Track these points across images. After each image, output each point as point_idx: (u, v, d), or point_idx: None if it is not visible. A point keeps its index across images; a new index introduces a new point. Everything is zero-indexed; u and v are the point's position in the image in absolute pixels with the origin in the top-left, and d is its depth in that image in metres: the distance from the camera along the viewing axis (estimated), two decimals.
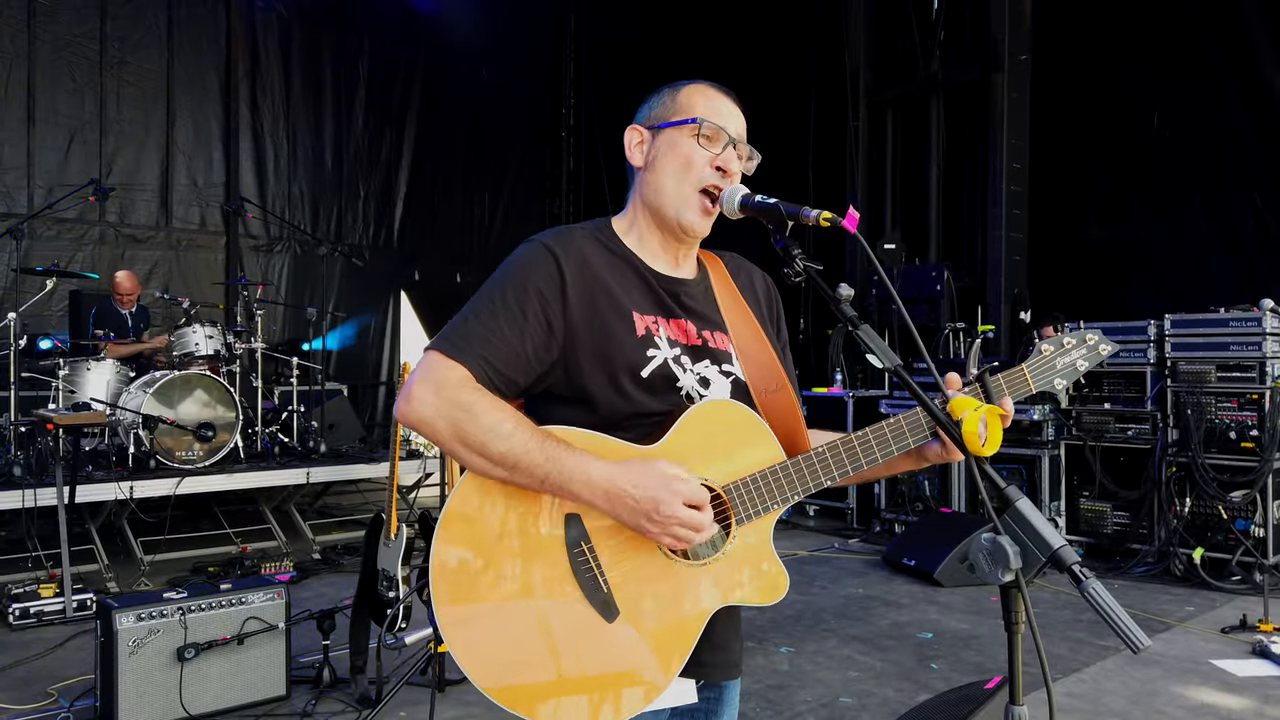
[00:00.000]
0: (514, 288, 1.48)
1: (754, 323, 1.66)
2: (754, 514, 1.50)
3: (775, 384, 1.62)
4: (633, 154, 1.63)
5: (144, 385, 6.30)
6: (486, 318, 1.46)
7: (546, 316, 1.48)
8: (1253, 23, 7.20)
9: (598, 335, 1.50)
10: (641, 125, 1.63)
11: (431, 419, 1.41)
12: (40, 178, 8.53)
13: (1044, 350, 1.66)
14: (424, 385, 1.42)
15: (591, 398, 1.50)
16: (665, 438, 1.48)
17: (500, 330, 1.45)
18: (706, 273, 1.69)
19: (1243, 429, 5.99)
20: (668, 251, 1.63)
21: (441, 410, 1.40)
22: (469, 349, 1.44)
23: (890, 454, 1.54)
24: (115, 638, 3.50)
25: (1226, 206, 7.35)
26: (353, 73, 10.66)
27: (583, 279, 1.51)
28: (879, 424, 1.55)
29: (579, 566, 1.43)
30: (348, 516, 8.08)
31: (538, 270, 1.49)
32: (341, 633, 4.12)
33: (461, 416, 1.39)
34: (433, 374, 1.43)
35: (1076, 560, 1.23)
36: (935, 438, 1.54)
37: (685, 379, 1.55)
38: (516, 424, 1.40)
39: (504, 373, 1.46)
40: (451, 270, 11.48)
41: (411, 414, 1.42)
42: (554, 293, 1.48)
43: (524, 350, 1.46)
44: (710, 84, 1.64)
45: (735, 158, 1.59)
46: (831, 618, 5.36)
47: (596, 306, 1.51)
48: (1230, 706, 3.98)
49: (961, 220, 8.93)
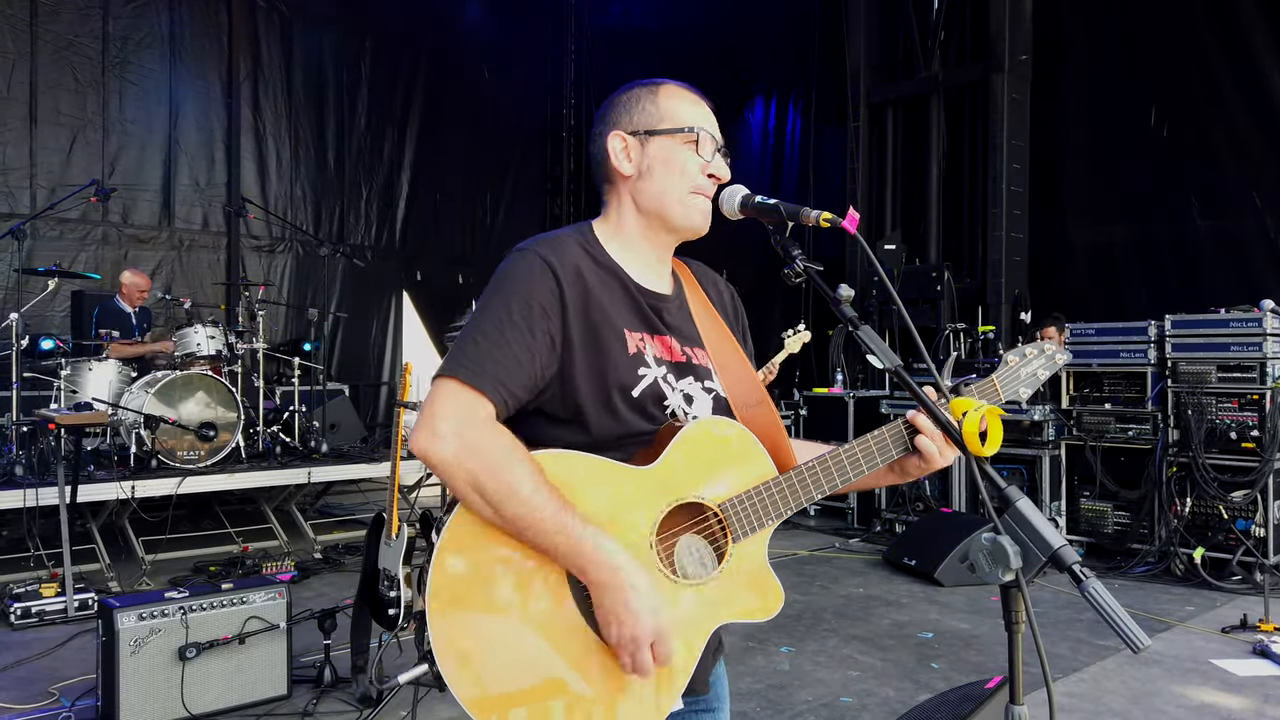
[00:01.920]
0: (519, 303, 1.43)
1: (729, 336, 1.65)
2: (750, 530, 1.49)
3: (756, 398, 1.62)
4: (619, 162, 1.57)
5: (146, 385, 6.30)
6: (496, 337, 1.41)
7: (549, 333, 1.44)
8: (1253, 22, 7.20)
9: (592, 353, 1.47)
10: (625, 132, 1.57)
11: (452, 464, 1.35)
12: (43, 178, 8.54)
13: (1009, 361, 1.68)
14: (447, 422, 1.36)
15: (584, 417, 1.46)
16: (661, 458, 1.45)
17: (512, 351, 1.41)
18: (681, 286, 1.67)
19: (1243, 429, 6.00)
20: (651, 263, 1.61)
21: (463, 458, 1.34)
22: (483, 374, 1.39)
23: (876, 465, 1.53)
24: (117, 637, 3.50)
25: (1226, 206, 7.35)
26: (354, 73, 10.67)
27: (578, 295, 1.48)
28: (864, 437, 1.54)
29: (579, 588, 1.40)
30: (349, 516, 8.09)
31: (540, 285, 1.45)
32: (343, 632, 4.12)
33: (482, 469, 1.33)
34: (457, 409, 1.37)
35: (1077, 560, 1.23)
36: (914, 450, 1.52)
37: (672, 397, 1.53)
38: (536, 487, 1.34)
39: (517, 395, 1.42)
40: (453, 271, 11.49)
41: (434, 454, 1.35)
42: (555, 308, 1.45)
43: (533, 369, 1.43)
44: (683, 85, 1.61)
45: (724, 166, 1.58)
46: (832, 617, 5.36)
47: (591, 323, 1.48)
48: (1231, 706, 3.98)
49: (962, 221, 8.93)
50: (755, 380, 1.63)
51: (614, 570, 1.34)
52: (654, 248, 1.60)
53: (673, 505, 1.46)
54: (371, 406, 10.75)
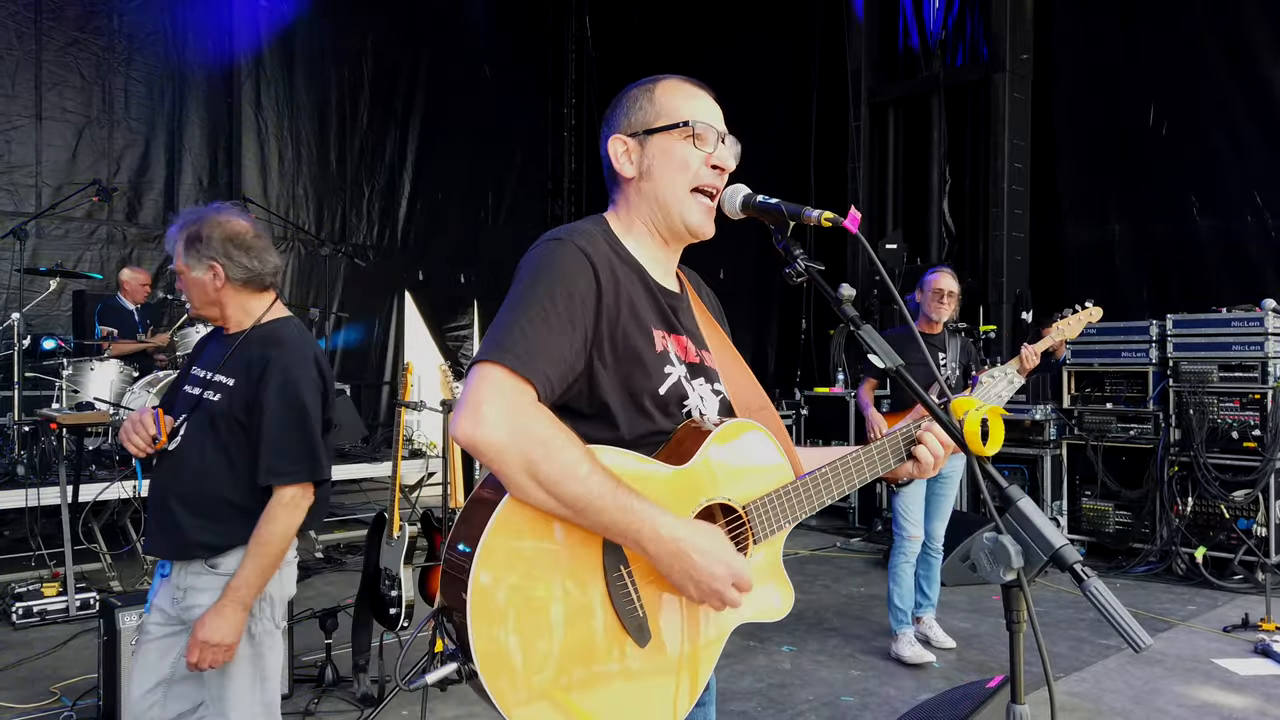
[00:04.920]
0: (562, 292, 1.40)
1: (727, 341, 1.67)
2: (770, 532, 1.52)
3: (758, 403, 1.64)
4: (622, 165, 1.57)
5: (147, 385, 6.31)
6: (540, 325, 1.37)
7: (585, 326, 1.42)
8: (1253, 21, 7.19)
9: (623, 350, 1.46)
10: (624, 134, 1.57)
11: (504, 448, 1.29)
12: (49, 175, 8.53)
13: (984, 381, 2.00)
14: (495, 406, 1.30)
15: (611, 414, 1.46)
16: (694, 458, 1.46)
17: (556, 341, 1.38)
18: (684, 288, 1.68)
19: (1245, 428, 5.99)
20: (661, 262, 1.61)
21: (515, 441, 1.29)
22: (534, 363, 1.34)
23: (889, 467, 1.63)
24: (118, 636, 3.50)
25: (1227, 205, 7.34)
26: (356, 72, 10.67)
27: (612, 290, 1.46)
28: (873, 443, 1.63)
29: (616, 590, 1.39)
30: (350, 515, 8.10)
31: (580, 276, 1.43)
32: (344, 632, 4.13)
33: (537, 452, 1.29)
34: (503, 394, 1.31)
35: (1078, 559, 1.23)
36: (910, 457, 1.63)
37: (692, 398, 1.55)
38: (591, 466, 1.32)
39: (558, 388, 1.39)
40: (455, 271, 11.49)
41: (482, 439, 1.29)
42: (590, 302, 1.43)
43: (572, 361, 1.40)
44: (681, 79, 1.60)
45: (729, 154, 1.58)
46: (833, 616, 5.36)
47: (621, 320, 1.47)
48: (1232, 705, 3.98)
49: (963, 220, 8.92)
50: (757, 385, 1.65)
51: (675, 542, 1.35)
52: (662, 248, 1.61)
53: (704, 505, 1.48)
54: (373, 406, 10.75)
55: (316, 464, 2.34)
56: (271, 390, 2.30)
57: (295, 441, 2.31)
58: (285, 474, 2.29)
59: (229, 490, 2.32)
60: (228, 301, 2.43)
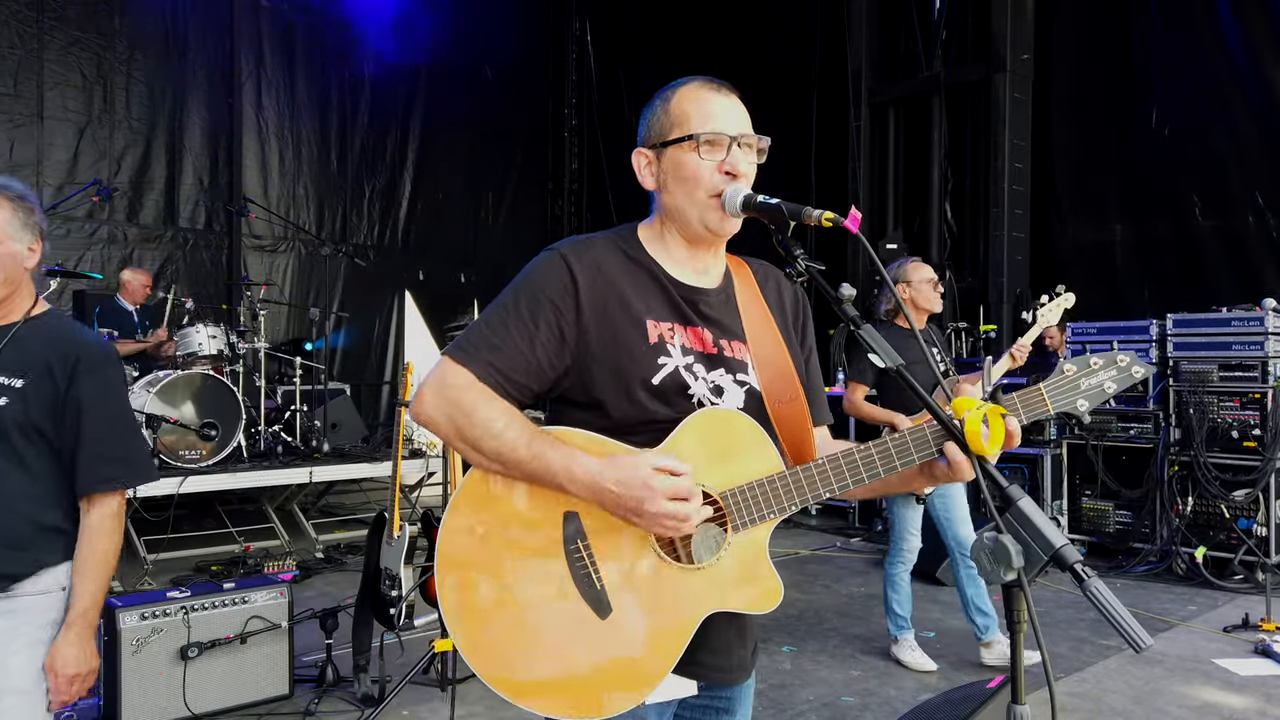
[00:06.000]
0: (527, 296, 1.53)
1: (775, 332, 1.66)
2: (750, 521, 1.51)
3: (790, 394, 1.62)
4: (644, 178, 1.64)
5: (147, 385, 6.31)
6: (498, 325, 1.53)
7: (559, 326, 1.52)
8: (1253, 21, 7.19)
9: (609, 344, 1.53)
10: (645, 148, 1.63)
11: (435, 418, 1.51)
12: (50, 175, 8.54)
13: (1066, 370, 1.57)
14: (430, 387, 1.52)
15: (604, 404, 1.53)
16: (666, 442, 1.50)
17: (511, 338, 1.51)
18: (731, 281, 1.69)
19: (1245, 428, 5.99)
20: (693, 260, 1.64)
21: (442, 409, 1.50)
22: (477, 355, 1.51)
23: (894, 468, 1.51)
24: (118, 637, 3.51)
25: (1227, 205, 7.34)
26: (357, 72, 10.67)
27: (596, 288, 1.54)
28: (882, 439, 1.52)
29: (574, 563, 1.47)
30: (350, 515, 8.10)
31: (552, 280, 1.54)
32: (344, 631, 4.13)
33: (459, 415, 1.48)
34: (441, 378, 1.52)
35: (1078, 559, 1.23)
36: (941, 455, 1.47)
37: (697, 386, 1.56)
38: (508, 421, 1.48)
39: (514, 379, 1.51)
40: (455, 270, 11.49)
41: (420, 413, 1.53)
42: (567, 303, 1.53)
43: (534, 358, 1.52)
44: (699, 82, 1.61)
45: (742, 158, 1.57)
46: (834, 616, 5.36)
47: (609, 315, 1.54)
48: (1233, 705, 3.98)
49: (964, 220, 8.93)
50: (793, 377, 1.63)
51: (590, 477, 1.43)
52: (689, 248, 1.64)
53: None
54: (373, 406, 10.75)
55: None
56: (88, 389, 2.06)
57: (124, 443, 2.12)
58: (116, 479, 2.09)
59: (32, 509, 2.04)
60: (23, 287, 2.14)
